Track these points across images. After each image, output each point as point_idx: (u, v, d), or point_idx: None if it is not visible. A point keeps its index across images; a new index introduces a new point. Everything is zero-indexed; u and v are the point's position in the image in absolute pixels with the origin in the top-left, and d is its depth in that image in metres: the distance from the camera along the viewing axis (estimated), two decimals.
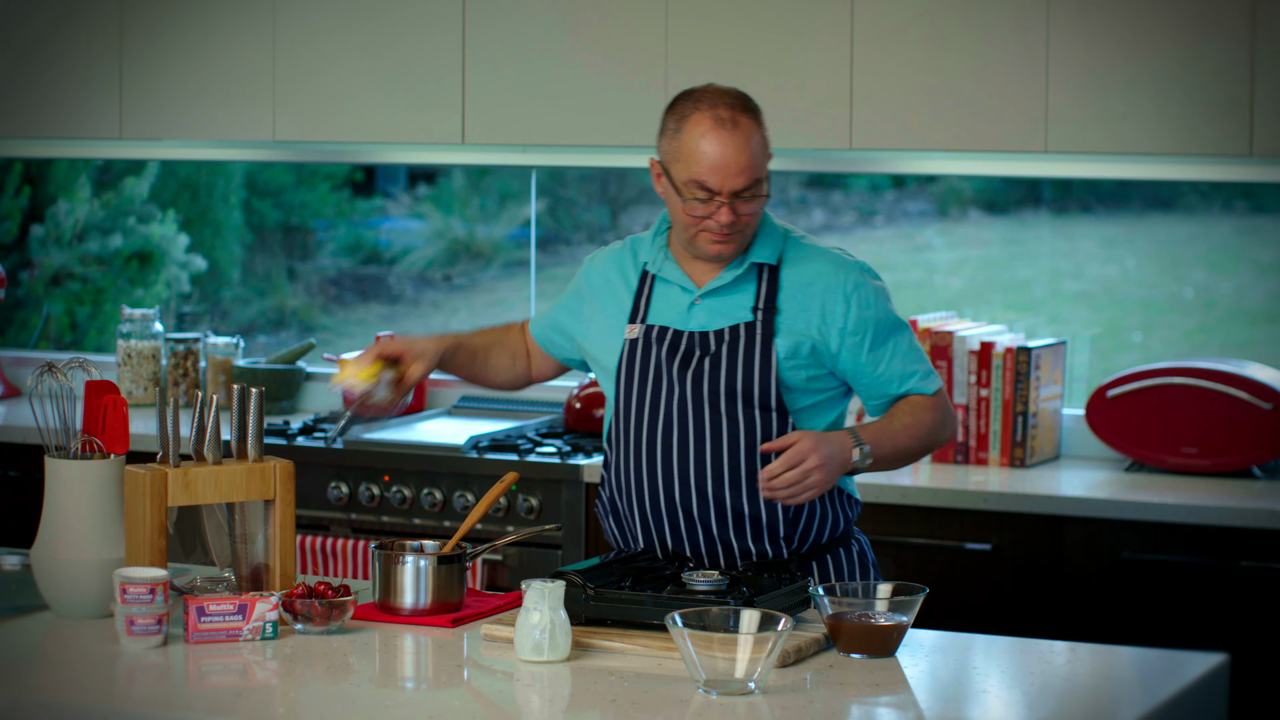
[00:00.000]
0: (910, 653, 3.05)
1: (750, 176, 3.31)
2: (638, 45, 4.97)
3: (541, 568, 4.78)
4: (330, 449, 5.05)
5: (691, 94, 3.36)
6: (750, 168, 3.31)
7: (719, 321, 3.41)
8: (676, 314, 3.45)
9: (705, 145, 3.30)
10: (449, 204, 6.35)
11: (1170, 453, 4.64)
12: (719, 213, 3.32)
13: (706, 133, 3.30)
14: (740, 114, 3.32)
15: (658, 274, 3.47)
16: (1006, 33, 4.64)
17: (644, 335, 3.44)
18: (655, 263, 3.48)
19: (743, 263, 3.41)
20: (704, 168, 3.30)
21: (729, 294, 3.42)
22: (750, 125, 3.32)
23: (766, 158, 3.35)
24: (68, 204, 6.44)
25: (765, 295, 3.40)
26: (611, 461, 3.49)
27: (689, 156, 3.32)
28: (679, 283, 3.45)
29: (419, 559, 3.23)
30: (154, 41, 5.45)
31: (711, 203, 3.32)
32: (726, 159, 3.29)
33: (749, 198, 3.33)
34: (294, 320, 6.30)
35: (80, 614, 3.21)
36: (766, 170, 3.35)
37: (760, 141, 3.33)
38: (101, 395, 3.27)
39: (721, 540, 3.40)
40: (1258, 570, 4.28)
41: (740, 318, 3.41)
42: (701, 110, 3.32)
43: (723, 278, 3.42)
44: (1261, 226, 5.43)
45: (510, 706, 2.86)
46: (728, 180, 3.30)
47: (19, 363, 6.02)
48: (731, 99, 3.34)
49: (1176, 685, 2.91)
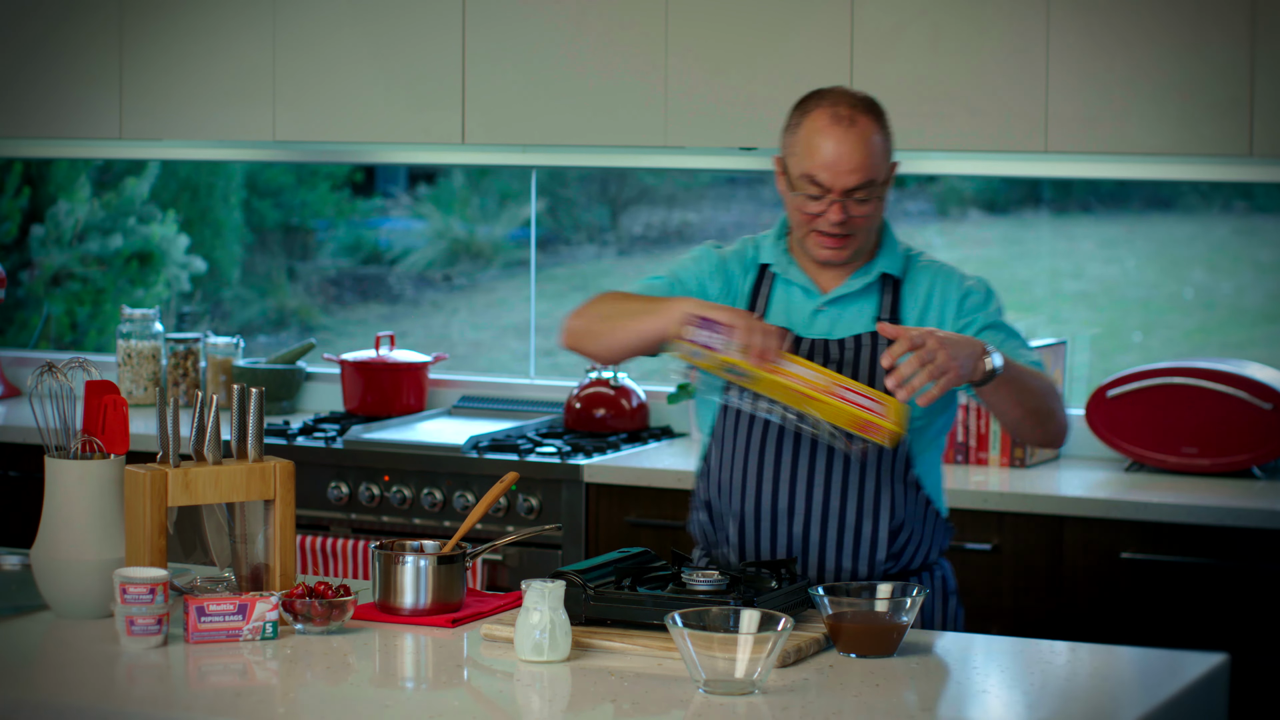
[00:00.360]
0: (910, 653, 3.05)
1: (863, 176, 3.28)
2: (638, 45, 4.97)
3: (541, 568, 4.79)
4: (330, 449, 5.05)
5: (818, 92, 3.35)
6: (864, 167, 3.27)
7: (842, 330, 3.37)
8: (799, 318, 3.40)
9: (820, 140, 3.28)
10: (449, 204, 6.35)
11: (1170, 453, 4.64)
12: (830, 211, 3.29)
13: (823, 128, 3.28)
14: (861, 113, 3.30)
15: (780, 275, 3.42)
16: (1006, 33, 4.64)
17: None
18: (779, 264, 3.42)
19: (870, 272, 3.38)
20: (817, 163, 3.28)
21: (853, 303, 3.38)
22: (869, 125, 3.29)
23: (886, 161, 3.32)
24: (68, 204, 6.44)
25: (889, 307, 3.37)
26: (714, 457, 3.44)
27: (804, 151, 3.30)
28: (802, 285, 3.40)
29: (419, 559, 3.23)
30: (154, 41, 5.46)
31: (823, 200, 3.29)
32: (840, 156, 3.27)
33: (861, 199, 3.29)
34: (294, 320, 6.30)
35: (80, 614, 3.21)
36: (885, 174, 3.32)
37: (879, 144, 3.30)
38: (101, 395, 3.27)
39: (818, 551, 3.37)
40: (1257, 570, 4.28)
41: (864, 328, 3.37)
42: (823, 106, 3.30)
43: (850, 285, 3.38)
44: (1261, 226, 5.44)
45: (510, 706, 2.86)
46: (839, 178, 3.27)
47: (19, 363, 6.02)
48: (855, 99, 3.32)
49: (1176, 685, 2.91)
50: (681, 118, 4.93)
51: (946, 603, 3.46)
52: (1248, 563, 4.28)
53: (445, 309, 6.31)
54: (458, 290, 6.30)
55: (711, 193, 5.97)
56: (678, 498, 4.73)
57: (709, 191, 5.98)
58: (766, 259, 3.44)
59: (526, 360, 5.71)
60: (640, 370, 5.61)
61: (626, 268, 6.17)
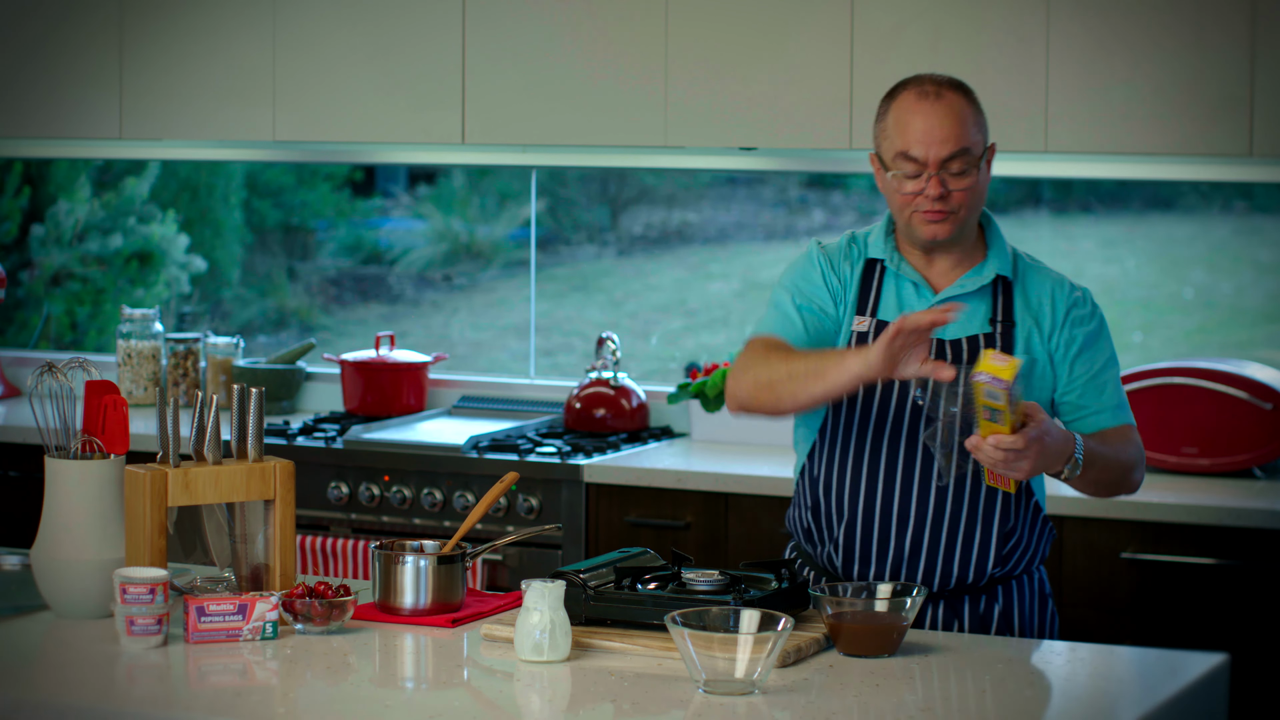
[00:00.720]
0: (910, 653, 3.05)
1: (956, 145, 3.27)
2: (638, 45, 4.97)
3: (541, 568, 4.78)
4: (330, 449, 5.05)
5: (902, 80, 3.36)
6: (956, 136, 3.27)
7: (955, 331, 3.34)
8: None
9: (909, 117, 3.29)
10: (449, 204, 6.35)
11: (1170, 453, 4.64)
12: (928, 185, 3.27)
13: (911, 105, 3.29)
14: (947, 89, 3.30)
15: (891, 269, 3.39)
16: (1006, 33, 4.64)
17: (874, 330, 3.36)
18: (890, 259, 3.39)
19: (983, 273, 3.36)
20: (909, 138, 3.28)
21: (967, 302, 3.35)
22: (956, 98, 3.30)
23: (980, 134, 3.30)
24: (68, 204, 6.44)
25: (1003, 308, 3.35)
26: (821, 454, 3.41)
27: (895, 131, 3.30)
28: (913, 280, 3.38)
29: (419, 559, 3.23)
30: (154, 41, 5.46)
31: (920, 177, 3.28)
32: (930, 126, 3.26)
33: (958, 172, 3.27)
34: (294, 320, 6.30)
35: (80, 614, 3.21)
36: (980, 147, 3.30)
37: (970, 115, 3.30)
38: (101, 395, 3.27)
39: (928, 555, 3.33)
40: (1258, 570, 4.28)
41: (978, 328, 3.35)
42: (908, 88, 3.32)
43: (963, 286, 3.36)
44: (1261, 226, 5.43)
45: (510, 706, 2.86)
46: (932, 148, 3.26)
47: (19, 363, 6.02)
48: (940, 78, 3.33)
49: (1176, 685, 2.91)
50: (681, 118, 4.93)
51: (1045, 607, 3.43)
52: (1248, 563, 4.28)
53: (445, 309, 6.31)
54: (458, 290, 6.29)
55: (711, 193, 5.97)
56: (678, 498, 4.73)
57: (709, 191, 5.98)
58: (876, 254, 3.41)
59: (526, 360, 5.71)
60: (640, 370, 5.61)
61: (626, 268, 6.17)
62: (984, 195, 3.34)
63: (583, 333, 5.97)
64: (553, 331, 6.00)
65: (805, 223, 5.90)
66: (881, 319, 3.36)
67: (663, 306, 6.04)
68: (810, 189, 5.91)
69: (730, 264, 6.03)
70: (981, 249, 3.39)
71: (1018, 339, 3.34)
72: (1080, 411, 3.38)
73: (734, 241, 5.98)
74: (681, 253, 6.11)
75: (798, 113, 4.82)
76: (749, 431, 5.10)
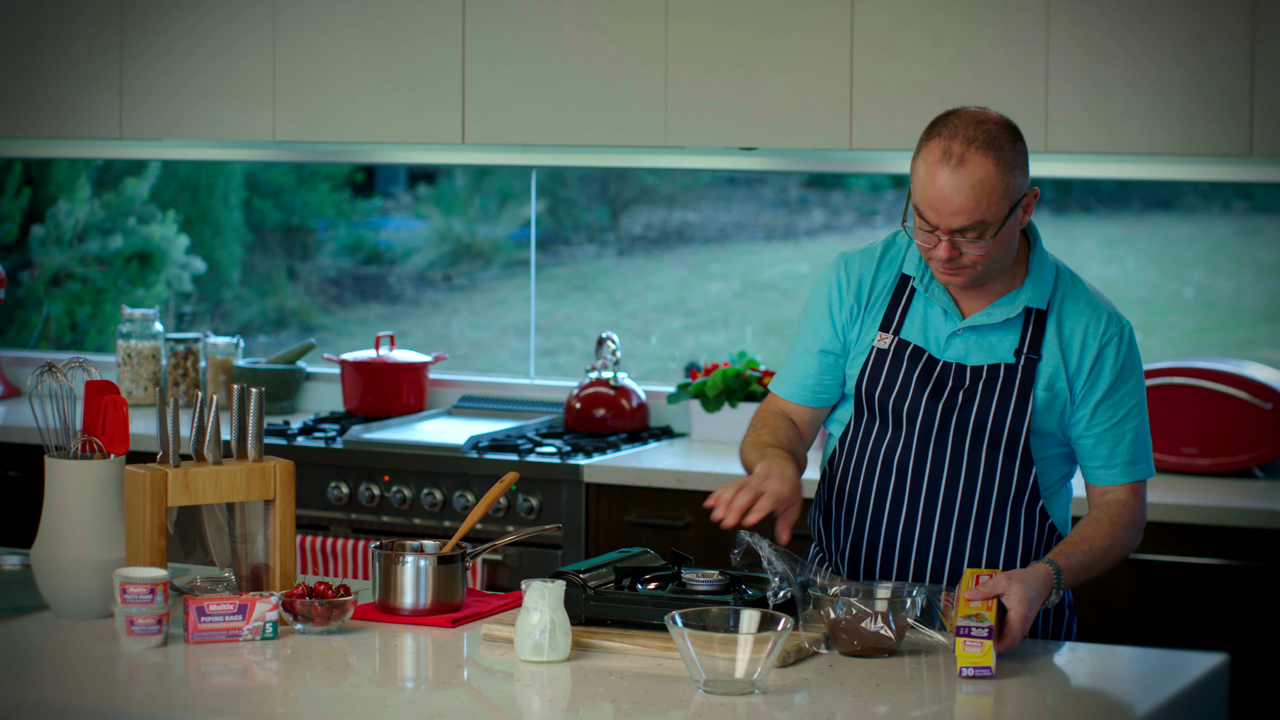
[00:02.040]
0: (910, 653, 3.05)
1: (968, 219, 3.12)
2: (638, 45, 4.97)
3: (541, 568, 4.78)
4: (330, 449, 5.05)
5: (948, 115, 3.19)
6: (968, 210, 3.12)
7: (978, 357, 3.28)
8: (934, 337, 3.30)
9: (929, 174, 3.14)
10: (449, 204, 6.35)
11: (1170, 453, 4.64)
12: (938, 247, 3.17)
13: (932, 164, 3.14)
14: (974, 150, 3.11)
15: (921, 291, 3.31)
16: (1006, 33, 4.64)
17: (895, 349, 3.31)
18: (921, 280, 3.30)
19: (1014, 304, 3.26)
20: (923, 199, 3.15)
21: (993, 331, 3.28)
22: (980, 164, 3.11)
23: (1001, 201, 3.13)
24: (68, 204, 6.44)
25: (1030, 340, 3.27)
26: (840, 464, 3.38)
27: (916, 182, 3.17)
28: (943, 304, 3.29)
29: (419, 559, 3.23)
30: (154, 41, 5.46)
31: (932, 234, 3.17)
32: (942, 197, 3.12)
33: (972, 239, 3.14)
34: (294, 320, 6.30)
35: (80, 614, 3.21)
36: (1000, 214, 3.13)
37: (992, 183, 3.11)
38: (101, 395, 3.27)
39: (934, 575, 3.30)
40: (1258, 570, 4.28)
41: (1001, 358, 3.27)
42: (940, 138, 3.14)
43: (991, 315, 3.27)
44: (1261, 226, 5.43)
45: (510, 706, 2.86)
46: (943, 218, 3.13)
47: (19, 363, 6.02)
48: (975, 132, 3.13)
49: (1176, 685, 2.91)
50: (681, 118, 4.93)
51: (1062, 617, 3.38)
52: (1248, 563, 4.28)
53: (445, 309, 6.31)
54: (458, 290, 6.29)
55: (711, 193, 5.97)
56: (678, 498, 4.73)
57: (709, 191, 5.98)
58: (910, 270, 3.32)
59: (526, 360, 5.71)
60: (640, 370, 5.61)
61: (626, 268, 6.17)
62: (1013, 242, 3.22)
63: (583, 333, 5.97)
64: (553, 331, 6.00)
65: (805, 223, 5.90)
66: (903, 338, 3.30)
67: (663, 306, 6.04)
68: (810, 189, 5.91)
69: (730, 264, 6.03)
70: (1022, 271, 3.29)
71: (1041, 373, 3.25)
72: (1091, 462, 3.30)
73: (734, 241, 5.98)
74: (681, 253, 6.11)
75: (798, 113, 4.82)
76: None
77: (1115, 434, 3.28)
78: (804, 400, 3.41)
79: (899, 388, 3.29)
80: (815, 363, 3.39)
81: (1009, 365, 3.27)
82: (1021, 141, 3.19)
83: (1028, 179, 3.20)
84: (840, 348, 3.37)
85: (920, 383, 3.28)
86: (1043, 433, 3.27)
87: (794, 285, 5.93)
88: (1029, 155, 3.22)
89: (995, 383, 3.26)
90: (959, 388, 3.27)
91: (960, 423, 3.27)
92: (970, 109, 3.19)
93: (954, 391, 3.27)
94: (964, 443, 3.27)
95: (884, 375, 3.31)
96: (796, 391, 3.42)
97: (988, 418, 3.26)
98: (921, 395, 3.28)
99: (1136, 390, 3.30)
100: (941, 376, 3.28)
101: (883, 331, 3.33)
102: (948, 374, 3.28)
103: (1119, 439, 3.28)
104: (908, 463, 3.30)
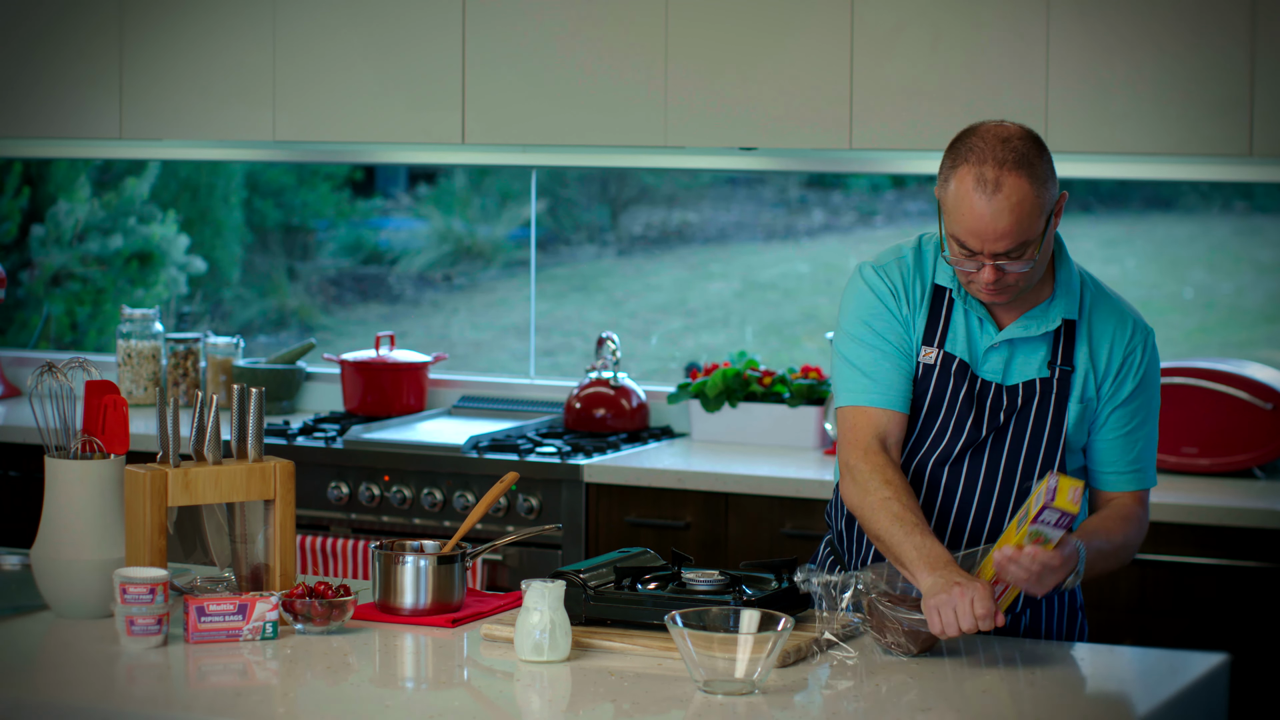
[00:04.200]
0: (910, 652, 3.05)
1: (1013, 241, 3.09)
2: (638, 45, 4.97)
3: (541, 568, 4.78)
4: (330, 449, 5.05)
5: (968, 137, 3.14)
6: (1012, 233, 3.08)
7: (1015, 375, 3.25)
8: (974, 350, 3.26)
9: (965, 206, 3.09)
10: (449, 204, 6.35)
11: (1170, 453, 4.64)
12: (982, 271, 3.13)
13: (968, 193, 3.09)
14: (1008, 172, 3.07)
15: (960, 301, 3.26)
16: (1006, 33, 4.64)
17: (941, 363, 3.26)
18: (958, 289, 3.25)
19: (1047, 317, 3.23)
20: (964, 229, 3.10)
21: (1028, 344, 3.25)
22: (1016, 184, 3.07)
23: (1040, 217, 3.11)
24: (68, 204, 6.44)
25: (1063, 353, 3.25)
26: None
27: (952, 212, 3.12)
28: (979, 314, 3.25)
29: (419, 559, 3.23)
30: (154, 41, 5.46)
31: (974, 259, 3.13)
32: (984, 225, 3.08)
33: (1015, 257, 3.12)
34: (294, 320, 6.30)
35: (80, 614, 3.21)
36: (1040, 229, 3.11)
37: (1031, 203, 3.08)
38: (101, 395, 3.27)
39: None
40: (1258, 570, 4.28)
41: (1036, 373, 3.24)
42: (970, 165, 3.10)
43: (1026, 329, 3.23)
44: (1261, 226, 5.43)
45: (510, 706, 2.86)
46: (987, 244, 3.10)
47: (19, 363, 6.02)
48: (1003, 152, 3.09)
49: (1176, 685, 2.91)
50: (681, 118, 4.93)
51: (1074, 620, 3.37)
52: (1248, 563, 4.28)
53: (445, 309, 6.31)
54: (458, 290, 6.29)
55: (711, 193, 5.97)
56: (678, 498, 4.73)
57: (709, 191, 5.97)
58: (943, 281, 3.28)
59: (526, 360, 5.71)
60: (640, 370, 5.61)
61: (626, 268, 6.17)
62: (1050, 250, 3.19)
63: (583, 333, 5.97)
64: (553, 331, 6.00)
65: (805, 223, 5.90)
66: (949, 351, 3.26)
67: (663, 306, 6.04)
68: (810, 189, 5.91)
69: (730, 264, 6.03)
70: (1050, 282, 3.26)
71: (1075, 384, 3.24)
72: (1101, 467, 3.30)
73: (734, 241, 5.98)
74: (681, 253, 6.11)
75: (798, 113, 4.82)
76: (749, 432, 5.11)
77: (1129, 441, 3.28)
78: (899, 405, 3.28)
79: (945, 405, 3.26)
80: (898, 361, 3.28)
81: (1044, 380, 3.25)
82: (1046, 150, 3.16)
83: (1057, 184, 3.18)
84: (911, 348, 3.29)
85: (965, 402, 3.25)
86: (1072, 448, 3.27)
87: (794, 285, 5.93)
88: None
89: (1033, 401, 3.24)
90: (999, 408, 3.25)
91: (997, 443, 3.26)
92: (989, 125, 3.15)
93: (994, 413, 3.25)
94: (999, 462, 3.26)
95: (931, 390, 3.27)
96: (891, 396, 3.27)
97: (1024, 437, 3.25)
98: (967, 416, 3.25)
99: (1152, 397, 3.30)
100: (982, 396, 3.25)
101: (926, 345, 3.27)
102: (988, 394, 3.25)
103: (1132, 446, 3.28)
104: (940, 479, 3.29)
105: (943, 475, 3.28)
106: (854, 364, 3.28)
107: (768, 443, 5.04)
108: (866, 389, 3.27)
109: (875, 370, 3.27)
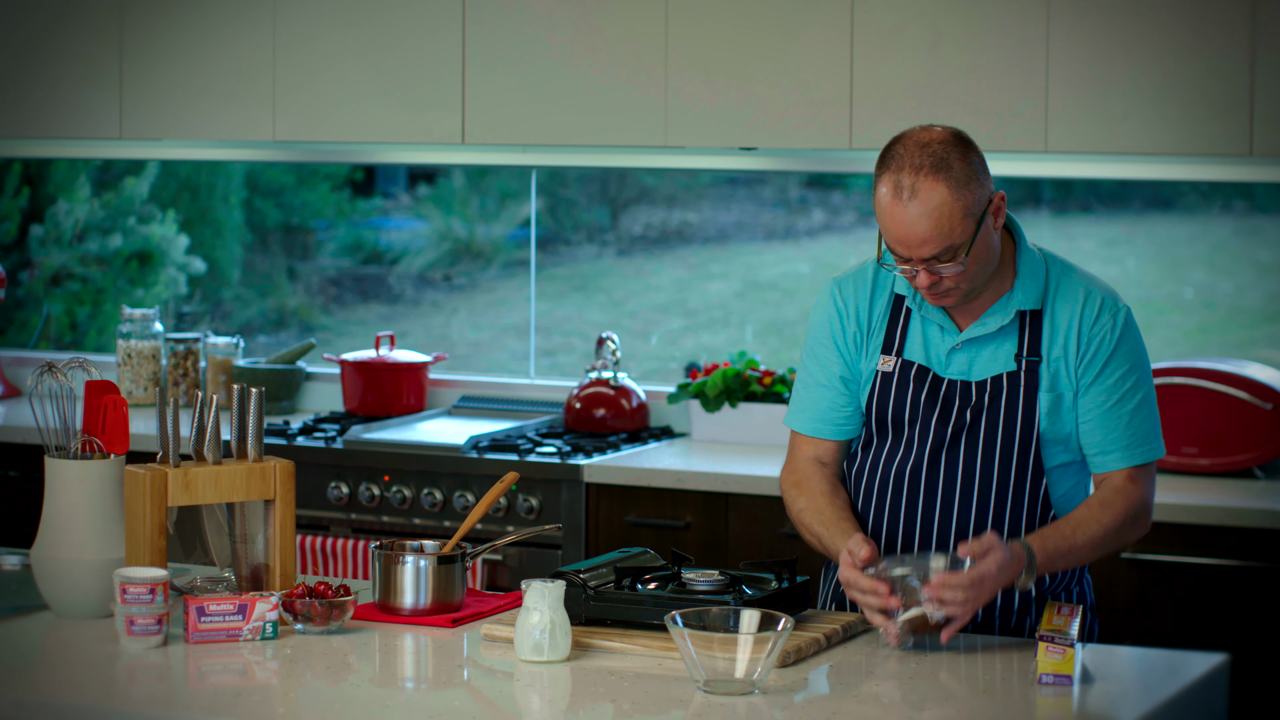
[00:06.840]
0: (911, 652, 3.05)
1: (937, 246, 3.10)
2: (638, 45, 4.97)
3: (541, 568, 4.79)
4: (330, 449, 5.05)
5: (894, 144, 3.14)
6: (933, 238, 3.09)
7: (980, 371, 3.25)
8: (935, 354, 3.27)
9: (886, 214, 3.11)
10: (449, 204, 6.35)
11: (1170, 452, 4.64)
12: (917, 276, 3.15)
13: (888, 201, 3.10)
14: (924, 177, 3.07)
15: (917, 310, 3.28)
16: (1006, 33, 4.64)
17: (899, 370, 3.28)
18: (914, 298, 3.28)
19: (1007, 310, 3.23)
20: (889, 236, 3.13)
21: (991, 340, 3.25)
22: (933, 190, 3.07)
23: (965, 221, 3.10)
24: (68, 204, 6.44)
25: (1029, 343, 3.24)
26: (850, 484, 3.36)
27: (880, 220, 3.14)
28: (938, 321, 3.27)
29: (419, 559, 3.23)
30: (154, 41, 5.46)
31: (908, 265, 3.15)
32: (905, 231, 3.10)
33: (946, 260, 3.12)
34: (294, 320, 6.30)
35: (80, 614, 3.21)
36: (966, 234, 3.10)
37: (950, 206, 3.08)
38: (101, 395, 3.27)
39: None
40: (1258, 570, 4.28)
41: (1003, 367, 3.24)
42: (890, 172, 3.11)
43: (986, 325, 3.24)
44: (1261, 226, 5.43)
45: (510, 706, 2.86)
46: (912, 250, 3.11)
47: (19, 363, 6.02)
48: (920, 158, 3.09)
49: (1176, 685, 2.91)
50: (681, 118, 4.93)
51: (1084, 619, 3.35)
52: (1248, 563, 4.28)
53: (445, 309, 6.31)
54: (458, 290, 6.29)
55: (711, 193, 5.97)
56: (678, 498, 4.73)
57: (709, 191, 5.97)
58: (902, 290, 3.29)
59: (526, 360, 5.71)
60: (640, 370, 5.61)
61: (626, 268, 6.17)
62: (991, 251, 3.18)
63: (583, 333, 5.97)
64: (553, 331, 6.00)
65: (805, 223, 5.90)
66: (907, 358, 3.28)
67: (663, 306, 6.04)
68: (810, 189, 5.91)
69: (730, 264, 6.03)
70: (1010, 273, 3.26)
71: (1043, 375, 3.23)
72: (1087, 448, 3.27)
73: (734, 241, 5.98)
74: (681, 253, 6.11)
75: (798, 113, 4.82)
76: (749, 431, 5.11)
77: (1110, 418, 3.24)
78: (828, 434, 3.37)
79: (909, 410, 3.27)
80: (830, 394, 3.35)
81: (1011, 374, 3.24)
82: (974, 151, 3.14)
83: (989, 185, 3.15)
84: (851, 375, 3.33)
85: (929, 404, 3.26)
86: (1050, 440, 3.25)
87: (794, 285, 5.93)
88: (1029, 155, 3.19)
89: (1000, 395, 3.24)
90: (966, 406, 3.25)
91: (970, 441, 3.25)
92: (914, 131, 3.15)
93: (961, 410, 3.25)
94: (975, 460, 3.26)
95: (892, 397, 3.28)
96: (820, 427, 3.37)
97: (996, 433, 3.24)
98: (931, 417, 3.26)
99: (1134, 372, 3.26)
100: (948, 396, 3.26)
101: (885, 354, 3.30)
102: (954, 392, 3.26)
103: (1114, 423, 3.24)
104: (919, 482, 3.29)
105: (921, 479, 3.28)
106: (799, 385, 3.40)
107: (768, 443, 5.04)
108: (797, 415, 3.40)
109: (809, 398, 3.38)
